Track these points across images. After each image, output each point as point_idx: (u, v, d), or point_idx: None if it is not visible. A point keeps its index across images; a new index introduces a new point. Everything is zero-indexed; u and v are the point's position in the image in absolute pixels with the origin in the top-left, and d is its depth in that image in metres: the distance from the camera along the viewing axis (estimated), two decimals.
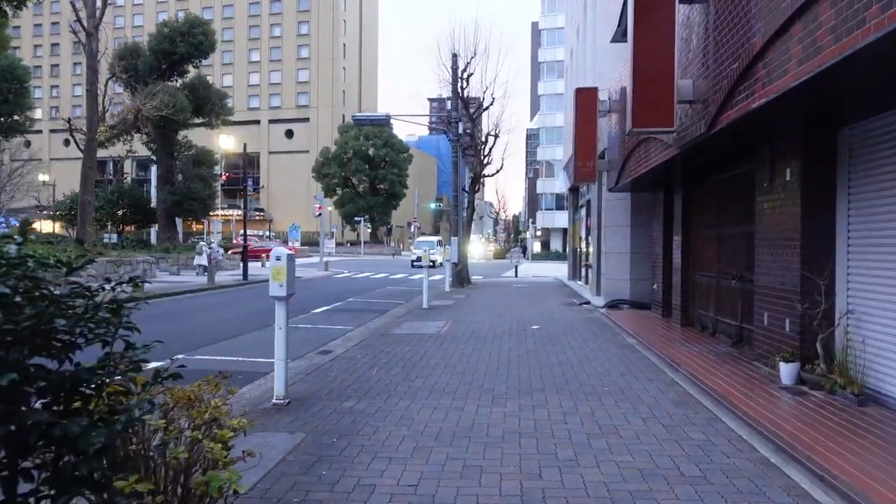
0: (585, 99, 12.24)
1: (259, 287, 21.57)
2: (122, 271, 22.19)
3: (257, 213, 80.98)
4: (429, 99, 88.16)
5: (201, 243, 30.63)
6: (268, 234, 70.26)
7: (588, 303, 14.76)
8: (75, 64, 79.97)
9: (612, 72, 13.26)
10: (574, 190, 23.06)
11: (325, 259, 33.21)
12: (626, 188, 12.65)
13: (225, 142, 24.30)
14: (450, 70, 21.38)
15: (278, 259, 5.65)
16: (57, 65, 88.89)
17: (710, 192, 9.18)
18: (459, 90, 21.70)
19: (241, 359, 8.45)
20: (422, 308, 14.00)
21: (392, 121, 20.00)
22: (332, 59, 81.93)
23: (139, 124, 25.20)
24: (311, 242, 66.84)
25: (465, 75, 21.90)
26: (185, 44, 29.42)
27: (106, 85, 22.85)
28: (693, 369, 6.71)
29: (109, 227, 35.35)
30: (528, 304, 14.91)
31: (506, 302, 15.54)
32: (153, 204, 33.17)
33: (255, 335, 10.51)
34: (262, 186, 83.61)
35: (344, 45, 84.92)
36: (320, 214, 33.06)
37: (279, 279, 5.65)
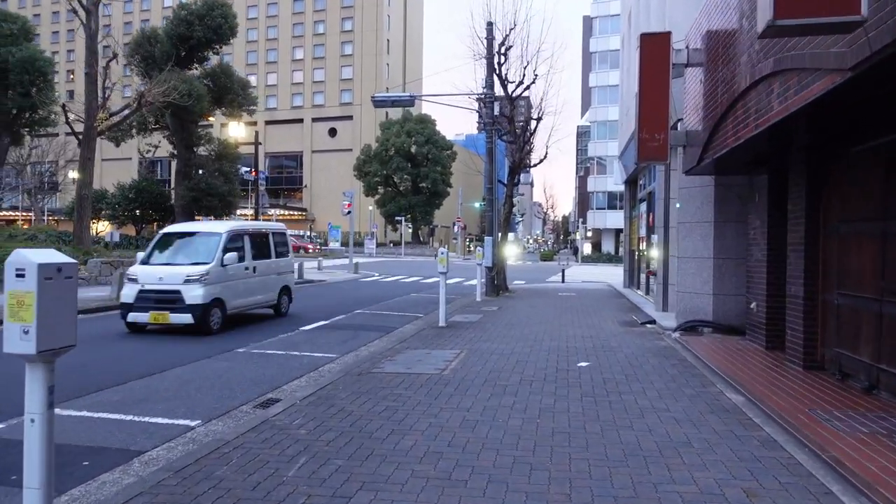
0: (654, 48, 8.97)
1: None
2: (119, 272, 19.97)
3: (299, 213, 79.64)
4: (478, 98, 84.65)
5: None
6: (308, 233, 68.56)
7: (653, 322, 11.42)
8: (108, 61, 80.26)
9: (687, 19, 9.94)
10: (631, 182, 19.62)
11: (353, 261, 30.57)
12: (709, 170, 9.32)
13: (235, 131, 21.87)
14: (484, 42, 18.29)
15: None
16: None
17: (871, 164, 5.82)
18: (496, 66, 18.59)
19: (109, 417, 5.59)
20: (437, 326, 10.97)
21: (417, 102, 17.24)
22: (376, 55, 79.86)
23: (145, 112, 23.11)
24: (357, 243, 64.70)
25: (503, 49, 18.78)
26: (202, 27, 27.28)
27: (106, 68, 20.70)
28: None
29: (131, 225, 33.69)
30: (575, 323, 11.67)
31: (546, 319, 12.34)
32: (174, 201, 31.20)
33: (181, 374, 7.66)
34: (305, 186, 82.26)
35: (388, 40, 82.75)
36: (349, 212, 30.41)
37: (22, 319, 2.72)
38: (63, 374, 7.31)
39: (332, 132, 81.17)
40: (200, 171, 29.24)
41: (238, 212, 33.98)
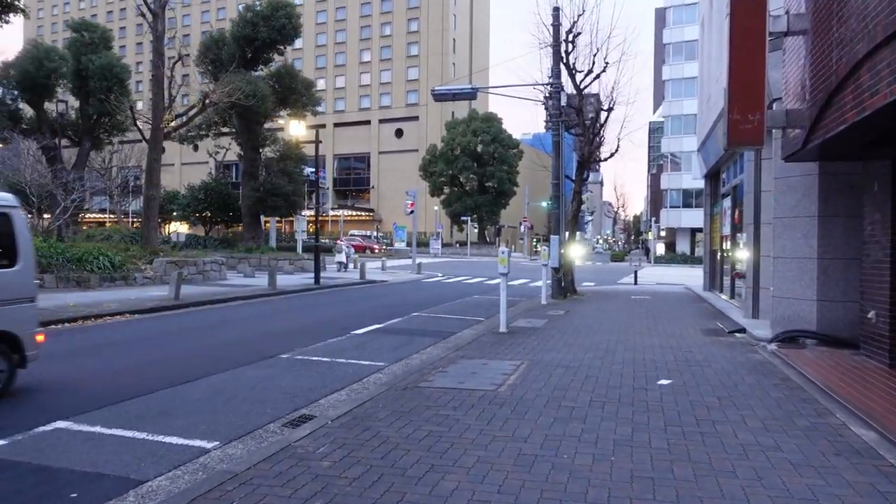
0: (748, 17, 7.74)
1: (329, 293, 18.59)
2: (184, 272, 20.07)
3: (366, 213, 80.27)
4: (544, 87, 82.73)
5: (340, 242, 29.80)
6: (375, 234, 68.89)
7: (742, 330, 10.10)
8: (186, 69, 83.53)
9: None
10: (712, 176, 18.05)
11: (416, 261, 30.03)
12: (813, 155, 7.99)
13: (296, 130, 21.62)
14: (550, 29, 17.21)
15: None
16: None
17: None
18: (563, 54, 17.48)
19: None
20: (498, 332, 10.05)
21: (483, 100, 16.39)
22: (442, 54, 79.51)
23: (211, 114, 23.27)
24: (421, 243, 64.58)
25: (570, 36, 17.65)
26: (267, 28, 27.34)
27: (172, 69, 20.90)
28: None
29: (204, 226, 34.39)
30: (652, 330, 10.48)
31: (619, 325, 11.19)
32: (241, 202, 31.54)
33: (212, 383, 7.05)
34: (372, 187, 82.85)
35: (454, 40, 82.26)
36: (412, 212, 29.89)
37: None
38: (94, 380, 6.91)
39: (399, 133, 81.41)
40: (266, 172, 29.39)
41: (304, 212, 34.05)
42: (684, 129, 61.37)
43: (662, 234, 63.69)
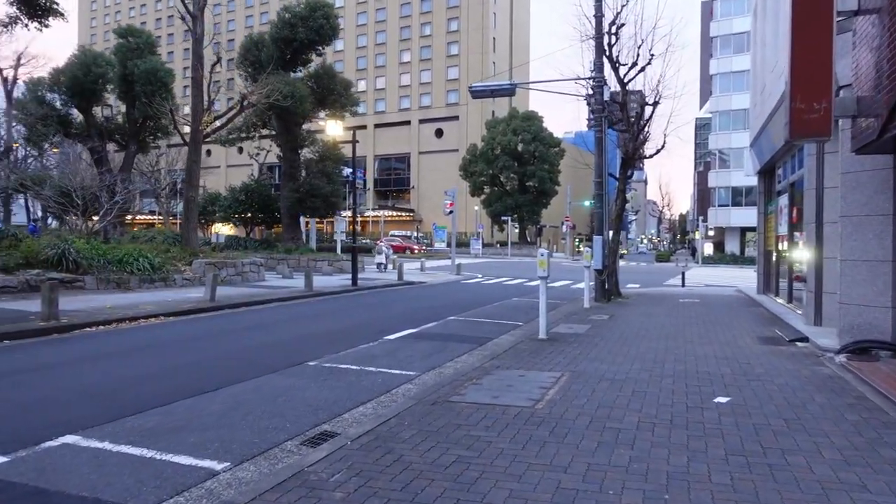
0: None
1: (366, 295, 18.30)
2: (223, 273, 20.11)
3: (406, 214, 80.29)
4: (586, 95, 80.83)
5: (380, 243, 29.93)
6: (415, 234, 68.80)
7: (805, 339, 9.30)
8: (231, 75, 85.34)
9: None
10: (766, 172, 17.07)
11: (455, 262, 29.60)
12: (889, 147, 7.21)
13: (333, 130, 21.43)
14: (592, 21, 16.54)
15: None
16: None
17: None
18: (606, 47, 16.76)
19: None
20: (537, 339, 9.50)
21: (524, 99, 15.78)
22: (482, 53, 78.91)
23: (249, 115, 23.30)
24: (461, 243, 64.17)
25: (613, 28, 16.91)
26: (305, 29, 27.30)
27: (211, 72, 20.96)
28: None
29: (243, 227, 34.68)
30: (704, 338, 9.77)
31: (667, 332, 10.50)
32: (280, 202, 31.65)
33: (226, 397, 6.72)
34: (413, 187, 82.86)
35: (494, 38, 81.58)
36: (451, 212, 29.47)
37: None
38: (115, 388, 6.66)
39: (439, 133, 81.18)
40: (305, 173, 29.40)
41: (343, 213, 34.00)
42: (733, 125, 59.31)
43: (710, 233, 61.69)
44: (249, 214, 33.02)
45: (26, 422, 5.34)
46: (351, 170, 28.11)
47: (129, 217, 54.92)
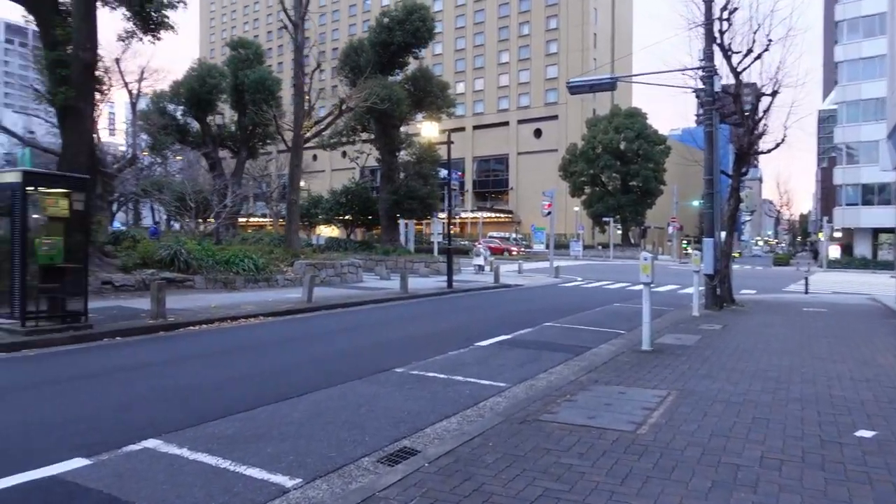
0: None
1: (460, 298, 18.03)
2: (322, 274, 20.56)
3: (505, 215, 79.72)
4: (695, 89, 75.91)
5: (478, 245, 30.12)
6: (513, 236, 68.12)
7: None
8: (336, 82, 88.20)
9: None
10: None
11: (554, 264, 28.78)
12: None
13: (429, 131, 21.35)
14: (701, 5, 15.33)
15: None
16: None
17: None
18: (717, 33, 15.52)
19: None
20: (639, 350, 8.75)
21: (626, 95, 14.94)
22: (582, 50, 76.96)
23: (348, 119, 23.72)
24: (560, 245, 62.83)
25: (725, 13, 15.63)
26: (402, 32, 27.54)
27: (311, 78, 21.51)
28: None
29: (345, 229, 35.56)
30: (836, 354, 8.62)
31: (791, 346, 9.39)
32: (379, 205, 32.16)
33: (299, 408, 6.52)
34: (511, 188, 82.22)
35: (595, 34, 79.38)
36: (549, 213, 28.69)
37: None
38: (204, 390, 6.69)
39: (538, 133, 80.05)
40: (403, 175, 29.68)
41: (440, 214, 34.08)
42: (863, 117, 54.04)
43: (837, 234, 56.57)
44: (349, 216, 33.81)
45: (116, 422, 5.38)
46: (454, 172, 28.05)
47: (242, 219, 58.17)
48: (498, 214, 79.51)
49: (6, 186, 9.64)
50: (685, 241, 64.89)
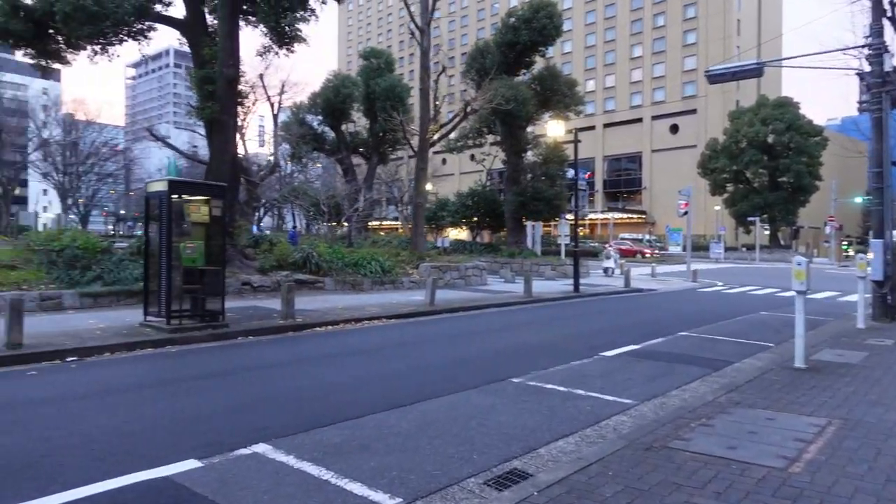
0: None
1: (586, 303, 17.26)
2: (447, 277, 20.62)
3: (638, 216, 76.35)
4: (859, 70, 67.57)
5: (609, 248, 29.55)
6: (647, 237, 65.05)
7: None
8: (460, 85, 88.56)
9: None
10: None
11: (691, 267, 26.88)
12: None
13: (554, 130, 20.70)
14: None
15: None
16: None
17: None
18: (888, 5, 13.56)
19: None
20: (791, 367, 7.69)
21: (774, 83, 13.38)
22: (724, 38, 71.81)
23: (473, 121, 23.62)
24: (699, 247, 59.05)
25: None
26: (528, 30, 27.04)
27: (436, 82, 21.66)
28: None
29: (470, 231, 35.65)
30: None
31: None
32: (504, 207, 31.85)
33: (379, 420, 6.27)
34: (644, 187, 78.65)
35: (738, 21, 73.77)
36: (685, 213, 26.85)
37: None
38: (318, 394, 6.66)
39: (674, 129, 75.86)
40: (530, 176, 29.17)
41: (568, 216, 33.15)
42: None
43: None
44: (475, 219, 33.81)
45: (233, 423, 5.48)
46: (581, 172, 27.15)
47: (375, 223, 60.43)
48: (630, 215, 76.34)
49: (155, 195, 10.46)
50: (845, 242, 58.33)
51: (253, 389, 6.81)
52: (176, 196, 10.18)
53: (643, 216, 76.33)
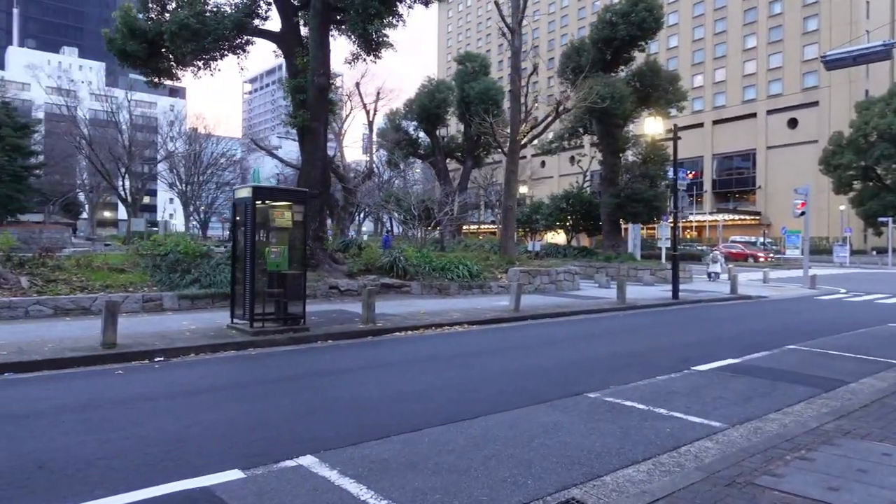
0: None
1: (685, 311, 16.17)
2: (536, 282, 20.07)
3: (751, 217, 71.50)
4: None
5: (714, 252, 28.38)
6: (760, 240, 60.80)
7: None
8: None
9: None
10: None
11: (809, 272, 24.62)
12: None
13: (651, 127, 19.59)
14: None
15: None
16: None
17: None
18: None
19: None
20: None
21: None
22: (850, 23, 65.85)
23: (564, 120, 22.86)
24: (822, 250, 54.39)
25: None
26: (626, 25, 25.87)
27: (528, 82, 21.16)
28: None
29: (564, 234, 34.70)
30: None
31: None
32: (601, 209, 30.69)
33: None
34: (759, 187, 73.56)
35: (867, 2, 67.35)
36: (803, 213, 24.67)
37: None
38: (374, 405, 6.30)
39: (792, 123, 70.46)
40: (627, 177, 27.93)
41: (669, 218, 31.50)
42: None
43: None
44: (570, 222, 32.86)
45: (285, 432, 5.37)
46: (683, 171, 25.69)
47: (473, 227, 60.47)
48: (742, 216, 71.69)
49: (240, 201, 10.77)
50: None
51: (316, 396, 6.73)
52: (260, 202, 10.43)
53: (757, 217, 71.42)
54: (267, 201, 10.68)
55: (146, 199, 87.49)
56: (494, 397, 6.68)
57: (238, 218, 11.02)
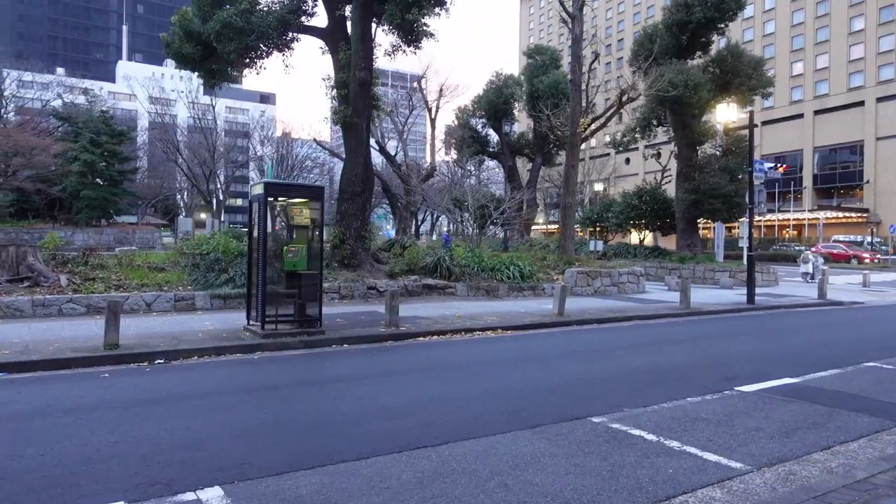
0: None
1: (757, 318, 14.44)
2: (596, 284, 18.77)
3: (858, 215, 65.47)
4: None
5: (806, 252, 26.42)
6: (868, 239, 55.50)
7: None
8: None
9: None
10: None
11: None
12: None
13: (723, 114, 17.78)
14: None
15: None
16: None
17: None
18: None
19: None
20: None
21: None
22: None
23: (638, 112, 21.25)
24: None
25: None
26: (701, 7, 23.84)
27: (589, 71, 19.83)
28: None
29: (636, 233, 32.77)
30: None
31: None
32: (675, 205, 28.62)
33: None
34: (867, 181, 67.27)
35: None
36: None
37: None
38: (345, 424, 5.33)
39: None
40: (702, 171, 25.81)
41: (768, 215, 28.94)
42: None
43: None
44: (643, 220, 30.92)
45: (210, 455, 4.72)
46: (771, 165, 23.48)
47: (542, 226, 58.81)
48: (847, 214, 65.76)
49: (255, 198, 10.36)
50: None
51: (284, 410, 6.07)
52: (272, 198, 9.97)
53: (864, 215, 65.30)
54: (281, 198, 10.22)
55: (238, 202, 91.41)
56: (477, 418, 5.77)
57: (255, 216, 10.63)
